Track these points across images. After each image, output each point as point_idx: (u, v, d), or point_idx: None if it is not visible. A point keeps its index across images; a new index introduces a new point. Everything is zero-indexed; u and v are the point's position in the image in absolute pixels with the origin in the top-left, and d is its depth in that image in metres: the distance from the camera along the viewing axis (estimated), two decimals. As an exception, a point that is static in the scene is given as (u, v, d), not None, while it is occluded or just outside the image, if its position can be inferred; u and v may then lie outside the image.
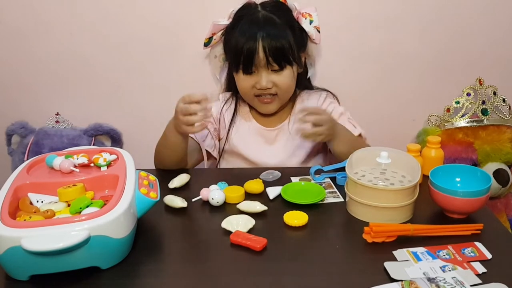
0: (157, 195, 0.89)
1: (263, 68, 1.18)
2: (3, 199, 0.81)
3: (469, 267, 0.79)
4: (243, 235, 0.87)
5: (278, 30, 1.17)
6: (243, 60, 1.18)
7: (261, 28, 1.16)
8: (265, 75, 1.19)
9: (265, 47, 1.15)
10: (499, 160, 1.43)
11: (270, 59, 1.16)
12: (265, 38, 1.15)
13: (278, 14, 1.21)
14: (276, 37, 1.16)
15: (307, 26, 1.26)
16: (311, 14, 1.26)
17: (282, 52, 1.17)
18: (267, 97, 1.23)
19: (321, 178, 1.11)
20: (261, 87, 1.20)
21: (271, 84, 1.20)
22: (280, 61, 1.17)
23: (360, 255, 0.85)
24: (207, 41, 1.31)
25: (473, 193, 0.92)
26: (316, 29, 1.27)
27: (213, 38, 1.30)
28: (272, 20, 1.19)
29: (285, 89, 1.22)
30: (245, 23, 1.20)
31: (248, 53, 1.16)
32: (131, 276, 0.79)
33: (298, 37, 1.23)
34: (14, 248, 0.72)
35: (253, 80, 1.20)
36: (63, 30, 1.42)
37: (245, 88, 1.23)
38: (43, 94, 1.49)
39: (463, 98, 1.46)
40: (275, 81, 1.20)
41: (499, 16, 1.44)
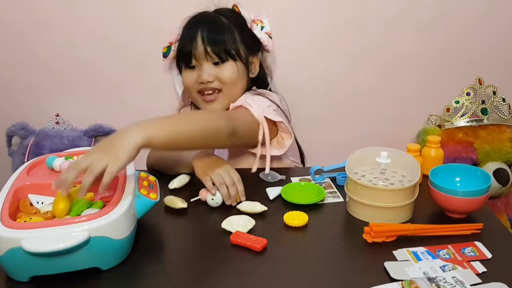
0: (157, 196, 0.89)
1: (203, 60, 1.17)
2: (4, 200, 0.82)
3: (469, 267, 0.79)
4: (243, 236, 0.87)
5: (221, 25, 1.18)
6: (183, 53, 1.18)
7: (203, 22, 1.18)
8: (206, 67, 1.17)
9: (204, 37, 1.15)
10: (499, 159, 1.43)
11: (209, 49, 1.15)
12: (205, 30, 1.16)
13: (227, 15, 1.21)
14: (217, 29, 1.17)
15: (258, 32, 1.24)
16: (263, 20, 1.26)
17: (221, 43, 1.16)
18: (210, 94, 1.19)
19: (321, 178, 1.11)
20: (202, 81, 1.17)
21: (212, 78, 1.17)
22: (220, 52, 1.16)
23: (360, 255, 0.85)
24: (166, 50, 1.29)
25: (473, 192, 0.92)
26: (267, 35, 1.25)
27: (171, 48, 1.28)
28: (216, 18, 1.20)
29: (228, 84, 1.18)
30: (189, 23, 1.22)
31: (188, 45, 1.17)
32: (131, 277, 0.79)
33: (247, 39, 1.22)
34: (14, 249, 0.73)
35: (195, 74, 1.19)
36: (63, 31, 1.42)
37: (188, 83, 1.21)
38: (44, 95, 1.49)
39: (463, 98, 1.47)
40: (217, 74, 1.17)
41: (498, 16, 1.44)
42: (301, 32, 1.45)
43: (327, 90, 1.51)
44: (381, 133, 1.53)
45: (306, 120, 1.54)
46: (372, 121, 1.54)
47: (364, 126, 1.54)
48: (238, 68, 1.20)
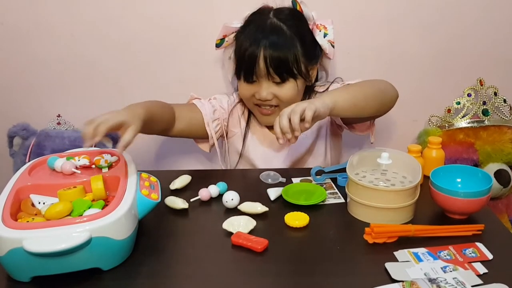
0: (158, 196, 0.89)
1: (263, 78, 1.14)
2: (5, 201, 0.82)
3: (470, 268, 0.79)
4: (244, 236, 0.87)
5: (284, 40, 1.12)
6: (244, 68, 1.14)
7: (265, 37, 1.11)
8: (265, 86, 1.15)
9: (266, 57, 1.10)
10: (500, 160, 1.43)
11: (271, 70, 1.11)
12: (267, 47, 1.10)
13: (290, 23, 1.14)
14: (279, 47, 1.11)
15: (320, 39, 1.20)
16: (326, 26, 1.21)
17: (284, 64, 1.12)
18: (267, 108, 1.19)
19: (322, 179, 1.11)
20: (260, 98, 1.16)
21: (271, 96, 1.15)
22: (282, 73, 1.13)
23: (361, 256, 0.85)
24: (219, 42, 1.26)
25: (474, 193, 0.92)
26: (330, 43, 1.21)
27: (225, 40, 1.25)
28: (280, 29, 1.13)
29: (286, 101, 1.15)
30: (252, 28, 1.16)
31: (249, 61, 1.12)
32: (132, 277, 0.79)
33: (309, 50, 1.17)
34: (16, 249, 0.73)
35: (254, 89, 1.16)
36: (64, 32, 1.42)
37: (245, 96, 1.20)
38: (45, 96, 1.49)
39: (464, 99, 1.46)
40: (276, 93, 1.15)
41: (499, 16, 1.44)
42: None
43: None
44: (382, 134, 1.53)
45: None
46: (373, 122, 1.54)
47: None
48: (298, 86, 1.17)
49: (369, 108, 1.07)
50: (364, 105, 1.05)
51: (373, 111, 1.10)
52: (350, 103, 1.01)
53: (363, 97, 1.04)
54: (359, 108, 1.04)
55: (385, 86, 1.12)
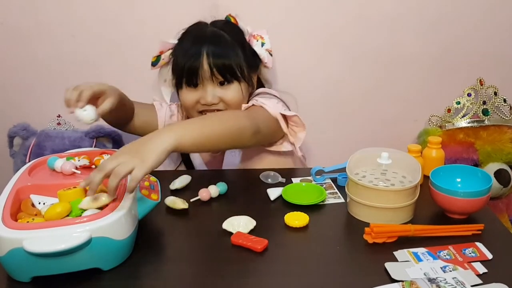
0: (158, 197, 0.89)
1: (208, 81, 1.13)
2: (5, 201, 0.82)
3: (470, 268, 0.79)
4: (244, 236, 0.87)
5: (226, 45, 1.14)
6: (187, 72, 1.13)
7: (207, 43, 1.12)
8: (210, 89, 1.13)
9: (209, 58, 1.11)
10: (500, 160, 1.43)
11: (215, 70, 1.11)
12: (210, 50, 1.11)
13: (228, 30, 1.18)
14: (221, 49, 1.13)
15: (258, 48, 1.21)
16: (263, 36, 1.23)
17: (228, 65, 1.12)
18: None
19: (322, 179, 1.11)
20: (205, 103, 1.13)
21: (217, 99, 1.14)
22: (226, 73, 1.13)
23: (361, 256, 0.85)
24: (155, 59, 1.24)
25: (473, 193, 0.92)
26: (268, 52, 1.23)
27: (161, 57, 1.23)
28: (220, 35, 1.15)
29: (233, 105, 1.15)
30: (190, 37, 1.17)
31: (192, 62, 1.11)
32: (132, 277, 0.80)
33: (249, 57, 1.19)
34: (16, 249, 0.73)
35: (198, 94, 1.14)
36: (64, 32, 1.42)
37: (189, 103, 1.16)
38: (45, 96, 1.50)
39: (464, 99, 1.46)
40: (222, 96, 1.14)
41: (499, 16, 1.44)
42: (303, 32, 1.45)
43: (328, 91, 1.51)
44: (382, 134, 1.53)
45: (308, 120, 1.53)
46: (373, 121, 1.54)
47: (365, 127, 1.54)
48: (242, 89, 1.16)
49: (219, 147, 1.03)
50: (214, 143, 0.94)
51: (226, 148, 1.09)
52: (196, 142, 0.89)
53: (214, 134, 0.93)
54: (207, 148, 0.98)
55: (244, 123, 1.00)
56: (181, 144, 0.84)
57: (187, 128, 0.88)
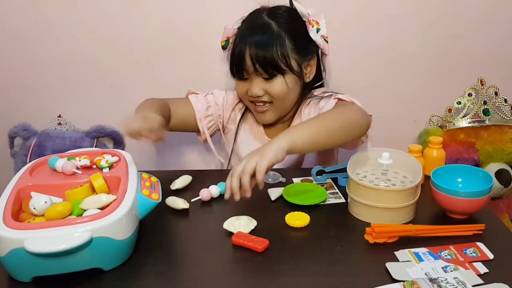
0: (159, 197, 0.89)
1: (253, 75, 1.17)
2: (6, 201, 0.82)
3: (471, 268, 0.79)
4: (244, 236, 0.87)
5: (269, 38, 1.14)
6: (235, 66, 1.18)
7: (251, 35, 1.15)
8: (256, 82, 1.17)
9: (252, 55, 1.14)
10: (501, 160, 1.42)
11: (257, 66, 1.14)
12: (252, 46, 1.14)
13: (281, 20, 1.17)
14: (264, 45, 1.13)
15: (313, 34, 1.21)
16: (319, 22, 1.22)
17: (270, 61, 1.14)
18: (261, 105, 1.20)
19: (322, 179, 1.11)
20: (251, 94, 1.18)
21: (262, 92, 1.17)
22: (268, 69, 1.15)
23: (362, 256, 0.85)
24: (224, 44, 1.27)
25: (474, 193, 0.92)
26: (323, 38, 1.22)
27: (229, 41, 1.26)
28: (268, 27, 1.16)
29: (278, 97, 1.18)
30: (242, 28, 1.19)
31: (238, 59, 1.16)
32: (133, 277, 0.80)
33: (301, 46, 1.18)
34: (17, 249, 0.73)
35: (246, 86, 1.19)
36: (65, 32, 1.42)
37: (240, 93, 1.23)
38: (45, 96, 1.50)
39: (465, 99, 1.46)
40: (267, 89, 1.17)
41: (500, 16, 1.44)
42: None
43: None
44: (383, 134, 1.53)
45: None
46: (374, 121, 1.53)
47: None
48: (288, 82, 1.17)
49: (333, 142, 1.03)
50: (327, 141, 1.00)
51: (338, 144, 1.09)
52: (311, 141, 0.96)
53: (326, 133, 0.99)
54: (321, 144, 1.00)
55: (354, 116, 1.05)
56: (295, 147, 0.93)
57: (299, 129, 0.98)
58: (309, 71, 1.23)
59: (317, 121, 1.03)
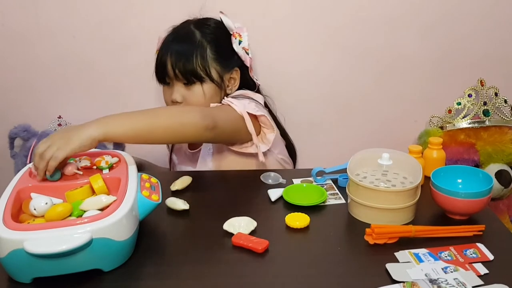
0: (159, 198, 0.89)
1: (175, 80, 1.20)
2: (6, 202, 0.82)
3: (471, 268, 0.79)
4: (244, 237, 0.87)
5: (190, 47, 1.18)
6: (158, 72, 1.21)
7: (174, 43, 1.20)
8: (176, 88, 1.20)
9: (172, 62, 1.17)
10: (501, 161, 1.42)
11: (177, 71, 1.17)
12: (173, 54, 1.17)
13: (206, 31, 1.21)
14: (184, 53, 1.17)
15: (236, 46, 1.24)
16: (241, 34, 1.26)
17: (189, 68, 1.17)
18: None
19: (322, 180, 1.11)
20: (171, 99, 1.20)
21: (181, 98, 1.19)
22: (187, 76, 1.17)
23: (362, 257, 0.85)
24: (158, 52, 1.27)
25: (474, 194, 0.92)
26: (244, 50, 1.25)
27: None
28: (189, 35, 1.20)
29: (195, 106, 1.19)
30: (167, 36, 1.23)
31: (160, 65, 1.20)
32: (133, 278, 0.80)
33: (224, 57, 1.21)
34: (16, 250, 0.73)
35: (170, 91, 1.21)
36: (65, 33, 1.43)
37: (165, 99, 1.25)
38: (46, 97, 1.50)
39: (465, 99, 1.46)
40: (186, 96, 1.20)
41: (500, 16, 1.44)
42: (302, 33, 1.45)
43: (328, 92, 1.51)
44: (383, 135, 1.53)
45: (308, 122, 1.54)
46: (374, 122, 1.54)
47: (365, 128, 1.54)
48: (205, 90, 1.19)
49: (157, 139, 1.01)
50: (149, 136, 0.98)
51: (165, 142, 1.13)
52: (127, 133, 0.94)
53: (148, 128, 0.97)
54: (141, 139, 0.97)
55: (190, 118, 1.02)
56: (108, 135, 0.90)
57: (117, 119, 0.94)
58: (232, 83, 1.25)
59: (141, 114, 0.99)
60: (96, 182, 0.86)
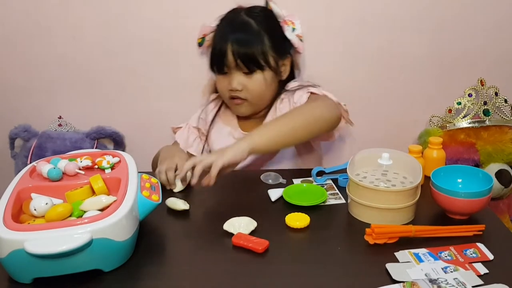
0: (159, 198, 0.89)
1: (234, 69, 1.20)
2: (6, 203, 0.82)
3: (471, 268, 0.79)
4: (245, 237, 0.87)
5: (251, 35, 1.19)
6: (216, 61, 1.22)
7: (233, 32, 1.19)
8: (235, 76, 1.21)
9: (234, 51, 1.18)
10: (501, 160, 1.42)
11: (239, 61, 1.18)
12: (235, 42, 1.18)
13: (259, 19, 1.22)
14: (246, 42, 1.18)
15: (289, 34, 1.27)
16: (294, 22, 1.28)
17: (251, 56, 1.18)
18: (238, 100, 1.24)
19: (322, 180, 1.11)
20: (230, 88, 1.21)
21: (240, 86, 1.21)
22: (249, 64, 1.19)
23: (362, 257, 0.85)
24: (200, 41, 1.33)
25: (475, 194, 0.92)
26: (298, 38, 1.28)
27: (205, 39, 1.32)
28: (248, 25, 1.20)
29: (255, 94, 1.22)
30: (222, 25, 1.24)
31: (219, 54, 1.20)
32: (133, 279, 0.80)
33: (278, 44, 1.23)
34: (17, 251, 0.73)
35: (227, 80, 1.22)
36: (65, 34, 1.43)
37: (221, 88, 1.26)
38: (46, 98, 1.50)
39: (465, 99, 1.46)
40: (245, 84, 1.21)
41: (500, 16, 1.44)
42: (303, 33, 1.45)
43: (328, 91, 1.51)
44: (383, 135, 1.53)
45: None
46: (374, 122, 1.54)
47: (365, 128, 1.54)
48: (266, 78, 1.22)
49: (297, 140, 1.10)
50: (290, 139, 1.07)
51: (303, 140, 1.13)
52: (272, 142, 1.04)
53: (290, 132, 1.06)
54: (284, 143, 1.08)
55: (320, 112, 1.11)
56: (256, 148, 1.00)
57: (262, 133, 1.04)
58: (283, 69, 1.27)
59: (280, 121, 1.09)
60: (96, 183, 0.86)
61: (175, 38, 1.42)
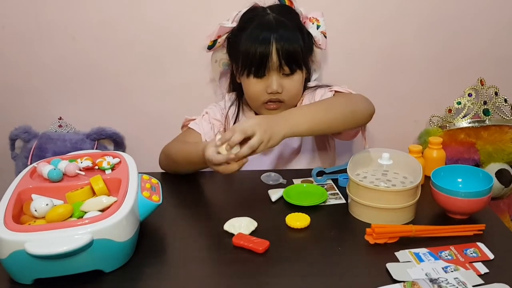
0: (159, 198, 0.89)
1: (274, 72, 1.15)
2: (7, 204, 0.82)
3: (471, 268, 0.79)
4: (245, 238, 0.87)
5: (291, 33, 1.15)
6: (256, 64, 1.14)
7: (275, 31, 1.13)
8: (276, 78, 1.15)
9: (279, 50, 1.12)
10: (502, 160, 1.42)
11: (283, 62, 1.13)
12: (279, 41, 1.12)
13: (288, 17, 1.18)
14: (290, 40, 1.13)
15: (314, 31, 1.24)
16: (318, 19, 1.25)
17: (294, 56, 1.14)
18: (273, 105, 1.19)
19: (323, 180, 1.11)
20: (271, 91, 1.15)
21: (281, 89, 1.16)
22: (292, 64, 1.15)
23: (362, 257, 0.85)
24: (212, 44, 1.26)
25: (475, 193, 0.92)
26: (322, 34, 1.25)
27: (218, 41, 1.26)
28: (284, 23, 1.15)
29: (292, 95, 1.18)
30: (257, 26, 1.16)
31: (261, 56, 1.13)
32: (134, 279, 0.80)
33: (306, 42, 1.21)
34: (18, 252, 0.73)
35: (264, 84, 1.16)
36: (65, 34, 1.43)
37: (256, 92, 1.18)
38: (46, 99, 1.50)
39: (465, 99, 1.46)
40: (285, 86, 1.16)
41: (500, 16, 1.44)
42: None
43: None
44: (383, 134, 1.53)
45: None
46: (374, 122, 1.53)
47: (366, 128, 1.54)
48: (302, 78, 1.19)
49: (334, 129, 1.05)
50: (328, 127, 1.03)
51: (339, 130, 1.10)
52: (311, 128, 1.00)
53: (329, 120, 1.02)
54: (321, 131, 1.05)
55: (358, 105, 1.08)
56: (294, 133, 0.97)
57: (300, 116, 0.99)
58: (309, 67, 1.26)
59: (318, 107, 1.05)
60: (97, 183, 0.87)
61: (175, 39, 1.43)
